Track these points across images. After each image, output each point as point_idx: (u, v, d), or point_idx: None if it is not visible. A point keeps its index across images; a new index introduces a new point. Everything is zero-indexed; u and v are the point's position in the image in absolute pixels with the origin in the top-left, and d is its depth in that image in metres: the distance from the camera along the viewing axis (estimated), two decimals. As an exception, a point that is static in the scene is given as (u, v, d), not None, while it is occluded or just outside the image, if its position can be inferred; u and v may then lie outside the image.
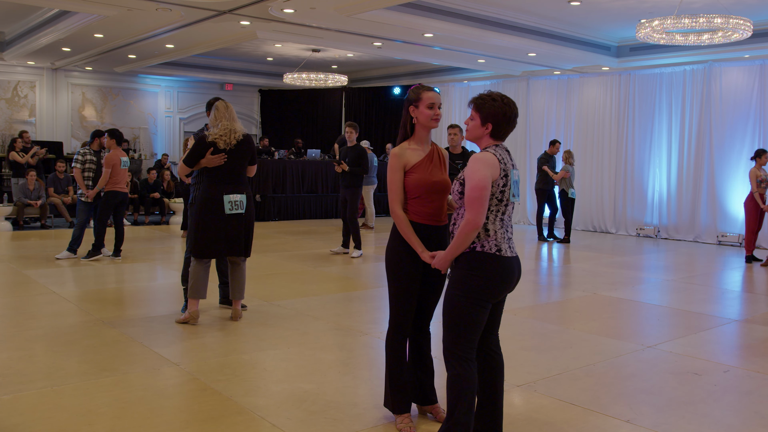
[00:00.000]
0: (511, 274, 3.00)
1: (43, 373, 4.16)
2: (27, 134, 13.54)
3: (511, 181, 2.98)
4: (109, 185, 8.50)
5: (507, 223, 3.04)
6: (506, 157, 3.02)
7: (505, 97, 3.05)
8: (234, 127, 5.31)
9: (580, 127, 14.02)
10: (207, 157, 5.20)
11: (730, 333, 5.89)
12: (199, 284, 5.36)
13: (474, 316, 2.96)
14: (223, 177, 5.27)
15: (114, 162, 8.47)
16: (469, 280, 2.96)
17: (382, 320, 5.96)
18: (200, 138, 5.28)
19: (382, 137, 17.60)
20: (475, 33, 10.32)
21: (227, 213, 5.25)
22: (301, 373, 4.31)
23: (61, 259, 8.55)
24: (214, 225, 5.25)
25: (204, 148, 5.20)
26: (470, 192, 2.92)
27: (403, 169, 3.27)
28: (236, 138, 5.27)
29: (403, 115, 3.36)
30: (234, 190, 5.31)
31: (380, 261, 9.30)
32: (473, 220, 2.91)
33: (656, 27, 8.19)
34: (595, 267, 9.15)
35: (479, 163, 2.94)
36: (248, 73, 17.34)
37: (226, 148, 5.22)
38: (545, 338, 5.34)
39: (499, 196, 2.97)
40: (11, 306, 6.18)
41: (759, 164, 9.65)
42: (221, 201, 5.24)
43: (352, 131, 9.19)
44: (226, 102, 5.43)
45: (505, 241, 3.00)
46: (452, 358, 3.00)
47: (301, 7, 9.12)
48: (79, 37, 11.93)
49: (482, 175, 2.90)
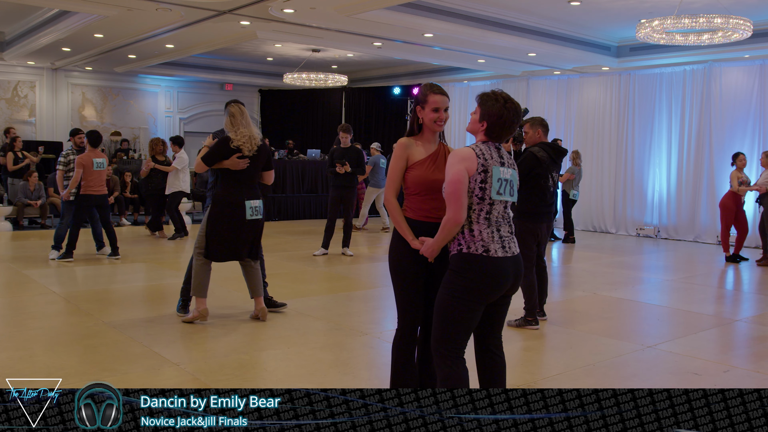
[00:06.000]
0: (502, 274, 2.96)
1: (43, 373, 4.16)
2: (13, 130, 13.24)
3: (492, 178, 2.95)
4: (83, 188, 8.28)
5: (497, 222, 2.99)
6: (491, 154, 2.97)
7: (510, 101, 3.01)
8: (252, 132, 5.31)
9: (580, 127, 14.02)
10: (233, 159, 5.19)
11: (730, 333, 5.90)
12: (204, 283, 5.36)
13: (462, 316, 2.95)
14: (243, 182, 5.28)
15: (85, 163, 8.24)
16: (457, 281, 2.95)
17: (382, 320, 5.97)
18: (224, 139, 5.25)
19: (382, 137, 17.59)
20: (475, 33, 10.32)
21: (248, 218, 5.26)
22: (301, 373, 4.31)
23: (54, 259, 8.44)
24: (233, 229, 5.25)
25: (228, 152, 5.19)
26: (447, 187, 2.96)
27: (406, 159, 3.27)
28: (256, 144, 5.30)
29: (412, 113, 3.37)
30: (254, 195, 5.34)
31: (378, 261, 9.30)
32: (453, 217, 2.93)
33: (656, 27, 8.19)
34: (595, 267, 9.15)
35: (454, 157, 2.97)
36: (248, 73, 17.33)
37: (250, 154, 5.25)
38: (545, 338, 5.34)
39: (480, 194, 2.94)
40: (11, 306, 6.18)
41: (739, 167, 9.63)
42: (243, 206, 5.24)
43: (347, 135, 9.20)
44: (241, 106, 5.38)
45: (495, 242, 2.96)
46: (440, 358, 2.99)
47: (301, 7, 9.12)
48: (79, 37, 11.92)
49: (456, 169, 2.92)
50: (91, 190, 8.35)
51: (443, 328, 2.98)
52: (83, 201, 8.34)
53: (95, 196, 8.40)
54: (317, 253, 9.33)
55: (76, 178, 8.28)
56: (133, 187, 13.72)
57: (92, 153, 8.40)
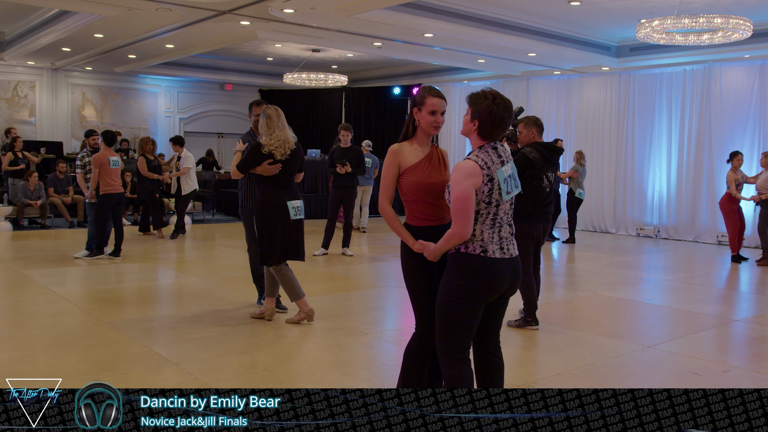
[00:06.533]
0: (499, 275, 2.95)
1: (43, 373, 4.16)
2: (14, 130, 13.35)
3: (498, 183, 2.92)
4: (102, 188, 8.42)
5: (500, 222, 2.98)
6: (491, 159, 2.94)
7: (500, 96, 2.98)
8: (287, 136, 5.25)
9: (580, 127, 14.01)
10: (263, 166, 5.16)
11: (730, 333, 5.90)
12: (294, 285, 5.38)
13: (462, 316, 2.94)
14: (281, 184, 5.26)
15: (101, 162, 8.38)
16: (455, 281, 2.95)
17: (382, 320, 5.97)
18: (255, 146, 5.19)
19: (382, 137, 17.60)
20: (475, 33, 10.32)
21: (292, 218, 5.26)
22: (301, 373, 4.31)
23: (80, 258, 8.59)
24: (282, 231, 5.24)
25: (260, 158, 5.16)
26: (453, 204, 2.91)
27: (398, 167, 3.23)
28: (290, 148, 5.24)
29: (408, 115, 3.35)
30: (294, 195, 5.34)
31: (378, 261, 9.33)
32: (460, 232, 2.89)
33: (656, 27, 8.19)
34: (595, 267, 9.15)
35: (460, 173, 2.89)
36: (248, 73, 17.33)
37: (283, 158, 5.20)
38: (545, 338, 5.34)
39: (487, 200, 2.92)
40: (11, 306, 6.19)
41: (735, 166, 9.62)
42: (286, 207, 5.24)
43: (348, 134, 9.21)
44: (278, 108, 5.30)
45: (494, 243, 2.95)
46: (444, 359, 2.99)
47: (301, 7, 9.12)
48: (79, 37, 11.93)
49: (463, 187, 2.87)
50: (110, 189, 8.48)
51: (445, 327, 2.98)
52: (104, 200, 8.47)
53: (114, 194, 8.54)
54: (317, 253, 9.33)
55: (94, 177, 8.44)
56: (133, 187, 13.72)
57: (107, 152, 8.53)
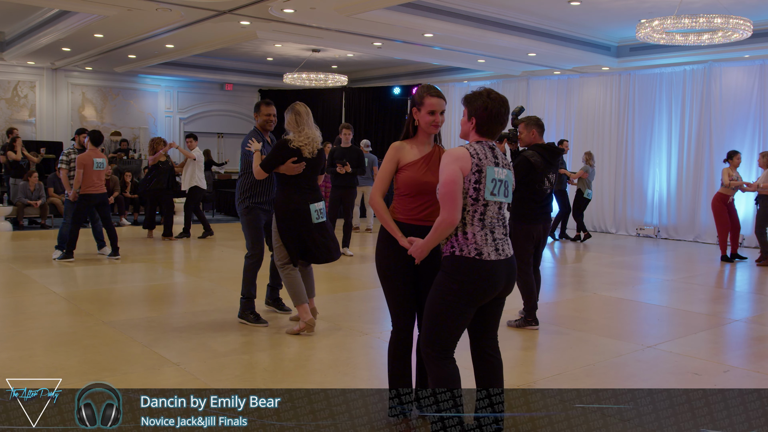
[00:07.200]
0: (494, 278, 2.94)
1: (43, 373, 4.16)
2: (16, 131, 13.36)
3: (486, 178, 2.92)
4: (82, 188, 8.29)
5: (492, 224, 2.96)
6: (485, 153, 2.94)
7: (494, 93, 2.99)
8: (315, 135, 5.06)
9: (580, 127, 14.01)
10: (288, 164, 4.93)
11: (730, 333, 5.90)
12: (300, 290, 5.14)
13: (452, 319, 2.93)
14: (305, 186, 5.04)
15: (86, 162, 8.27)
16: (448, 283, 2.94)
17: (382, 320, 5.97)
18: (283, 141, 4.99)
19: (382, 137, 17.59)
20: (475, 33, 10.32)
21: (314, 222, 5.03)
22: (301, 374, 4.31)
23: (56, 259, 8.47)
24: (304, 234, 5.03)
25: (287, 155, 4.95)
26: (441, 188, 2.91)
27: (397, 162, 3.27)
28: (316, 147, 5.06)
29: (408, 115, 3.36)
30: (316, 197, 5.10)
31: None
32: (447, 218, 2.89)
33: (656, 27, 8.19)
34: (595, 267, 9.15)
35: (448, 157, 2.92)
36: (248, 73, 17.31)
37: (310, 157, 5.01)
38: (545, 338, 5.34)
39: (474, 195, 2.91)
40: (11, 306, 6.19)
41: (733, 165, 9.62)
42: (308, 210, 5.00)
43: (349, 133, 9.21)
44: (305, 106, 5.13)
45: (488, 244, 2.93)
46: (431, 360, 2.98)
47: (301, 7, 9.12)
48: (79, 37, 11.92)
49: (450, 169, 2.88)
50: (91, 190, 8.37)
51: (431, 329, 2.97)
52: (83, 200, 8.36)
53: (95, 195, 8.41)
54: None
55: (77, 178, 8.31)
56: (133, 187, 13.73)
57: (93, 152, 8.42)
